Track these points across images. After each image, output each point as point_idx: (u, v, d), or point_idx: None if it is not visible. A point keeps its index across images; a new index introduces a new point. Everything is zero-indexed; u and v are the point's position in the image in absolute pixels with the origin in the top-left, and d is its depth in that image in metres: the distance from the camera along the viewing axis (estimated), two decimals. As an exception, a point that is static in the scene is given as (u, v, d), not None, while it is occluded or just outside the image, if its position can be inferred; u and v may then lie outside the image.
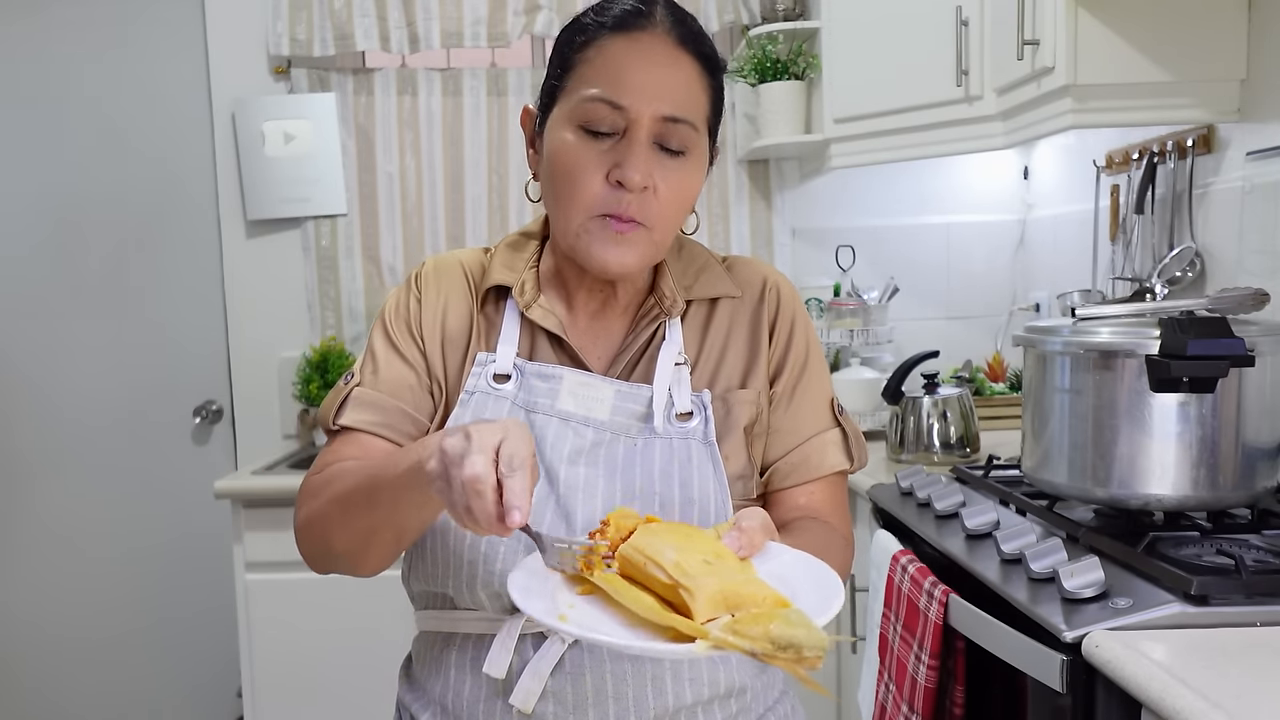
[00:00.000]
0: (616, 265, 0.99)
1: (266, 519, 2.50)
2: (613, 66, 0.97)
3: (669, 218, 1.00)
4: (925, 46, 2.34)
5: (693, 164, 1.00)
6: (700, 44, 1.01)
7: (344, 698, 2.51)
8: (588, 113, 0.97)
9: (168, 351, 3.07)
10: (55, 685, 3.10)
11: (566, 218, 1.00)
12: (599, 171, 0.97)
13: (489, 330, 1.08)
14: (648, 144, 0.97)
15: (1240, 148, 1.90)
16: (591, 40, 0.99)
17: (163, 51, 3.02)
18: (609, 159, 0.97)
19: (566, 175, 0.98)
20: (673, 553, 0.82)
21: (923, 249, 3.06)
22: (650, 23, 0.98)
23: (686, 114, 0.98)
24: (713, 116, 1.03)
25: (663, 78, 0.97)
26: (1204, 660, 1.08)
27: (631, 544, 0.85)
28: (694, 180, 1.01)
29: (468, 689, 1.02)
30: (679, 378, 1.05)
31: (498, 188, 3.00)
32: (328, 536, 0.99)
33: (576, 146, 0.98)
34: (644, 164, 0.96)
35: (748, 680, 1.06)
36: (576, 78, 0.99)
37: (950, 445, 2.32)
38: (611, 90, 0.96)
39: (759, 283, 1.12)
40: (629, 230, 0.98)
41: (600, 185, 0.97)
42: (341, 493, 0.96)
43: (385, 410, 1.04)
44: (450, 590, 1.01)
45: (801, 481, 1.09)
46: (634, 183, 0.95)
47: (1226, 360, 1.31)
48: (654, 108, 0.96)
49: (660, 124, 0.97)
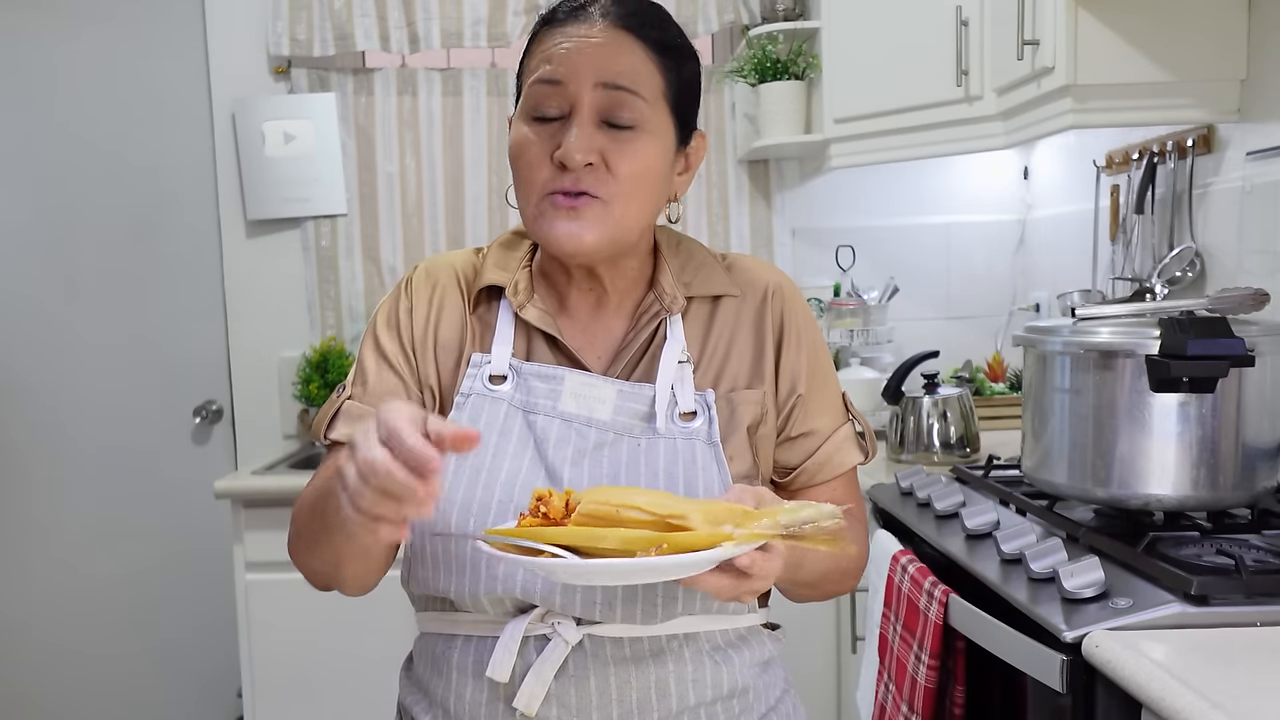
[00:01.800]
0: (571, 242, 0.98)
1: (266, 519, 2.50)
2: (550, 50, 0.99)
3: (627, 193, 0.99)
4: (925, 46, 2.34)
5: (646, 138, 0.99)
6: (645, 25, 1.00)
7: (344, 698, 2.51)
8: (533, 99, 0.99)
9: (168, 351, 3.07)
10: (55, 685, 3.10)
11: (524, 204, 1.01)
12: (545, 154, 0.98)
13: (483, 332, 1.07)
14: (591, 121, 0.97)
15: (1240, 148, 1.90)
16: (535, 34, 1.03)
17: (163, 52, 3.02)
18: (554, 142, 0.98)
19: (517, 162, 1.01)
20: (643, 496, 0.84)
21: (923, 249, 3.06)
22: (586, 13, 1.00)
23: (628, 82, 0.97)
24: (675, 96, 1.02)
25: (597, 50, 0.98)
26: (1204, 660, 1.08)
27: (592, 499, 0.84)
28: (649, 154, 0.99)
29: (469, 692, 1.01)
30: (682, 376, 1.04)
31: (497, 188, 3.00)
32: (303, 562, 1.04)
33: (527, 135, 1.00)
34: (583, 141, 0.96)
35: (750, 681, 1.05)
36: (526, 72, 1.02)
37: (950, 445, 2.32)
38: (548, 70, 0.98)
39: (761, 284, 1.11)
40: (579, 204, 0.97)
41: (547, 167, 0.98)
42: (302, 522, 1.01)
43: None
44: (451, 594, 1.01)
45: (825, 480, 1.10)
46: (573, 161, 0.96)
47: (1226, 360, 1.31)
48: (590, 77, 0.97)
49: (601, 95, 0.97)
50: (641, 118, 0.98)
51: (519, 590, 0.97)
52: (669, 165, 1.03)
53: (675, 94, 1.02)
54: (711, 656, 1.02)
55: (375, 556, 0.99)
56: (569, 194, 0.97)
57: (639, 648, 0.99)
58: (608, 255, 1.02)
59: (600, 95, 0.97)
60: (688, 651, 1.01)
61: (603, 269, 1.05)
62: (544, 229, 0.99)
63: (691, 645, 1.01)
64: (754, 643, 1.07)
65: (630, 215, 1.00)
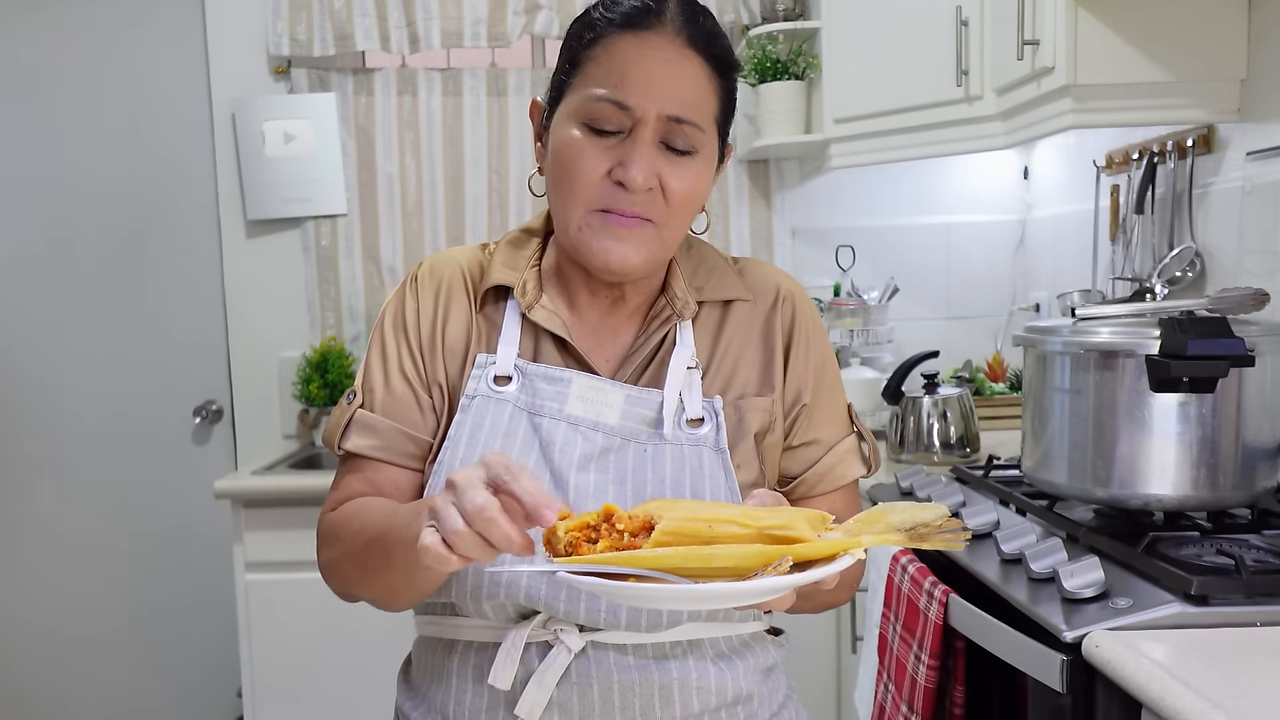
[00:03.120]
0: (618, 262, 0.97)
1: (266, 519, 2.50)
2: (619, 65, 0.95)
3: (679, 217, 0.99)
4: (925, 46, 2.34)
5: (701, 163, 0.99)
6: (712, 44, 0.98)
7: (344, 698, 2.51)
8: (593, 111, 0.96)
9: (168, 351, 3.07)
10: (55, 685, 3.10)
11: (567, 213, 0.99)
12: (601, 167, 0.96)
13: (489, 331, 1.06)
14: (653, 143, 0.96)
15: (1240, 148, 1.90)
16: (599, 37, 0.98)
17: (163, 52, 3.02)
18: (612, 156, 0.96)
19: (568, 170, 0.97)
20: (728, 509, 0.79)
21: (923, 249, 3.06)
22: (659, 21, 0.96)
23: (693, 115, 0.96)
24: (723, 116, 1.02)
25: (669, 77, 0.95)
26: (1204, 660, 1.08)
27: (674, 518, 0.76)
28: (702, 179, 1.00)
29: (469, 698, 1.00)
30: (690, 382, 1.03)
31: (498, 188, 3.00)
32: (350, 587, 1.02)
33: (580, 142, 0.96)
34: (647, 164, 0.95)
35: (754, 687, 1.05)
36: (583, 75, 0.98)
37: (950, 445, 2.32)
38: (617, 90, 0.95)
39: (772, 290, 1.09)
40: (633, 226, 0.96)
41: (601, 181, 0.96)
42: (356, 552, 0.97)
43: (384, 434, 1.03)
44: (453, 598, 1.00)
45: (825, 492, 1.09)
46: (636, 184, 0.94)
47: (1226, 360, 1.31)
48: (659, 107, 0.95)
49: (666, 124, 0.96)
50: (697, 143, 0.98)
51: (523, 596, 0.96)
52: (712, 185, 1.03)
53: (723, 114, 1.02)
54: (715, 663, 1.02)
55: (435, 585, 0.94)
56: (625, 215, 0.96)
57: (642, 654, 0.99)
58: (646, 275, 1.03)
59: (664, 124, 0.96)
60: (691, 658, 1.00)
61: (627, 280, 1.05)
62: (590, 243, 0.98)
63: (695, 652, 1.01)
64: (757, 649, 1.07)
65: (676, 237, 1.01)
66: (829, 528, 0.80)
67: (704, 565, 0.73)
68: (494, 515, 0.74)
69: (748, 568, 0.73)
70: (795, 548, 0.75)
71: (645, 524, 0.75)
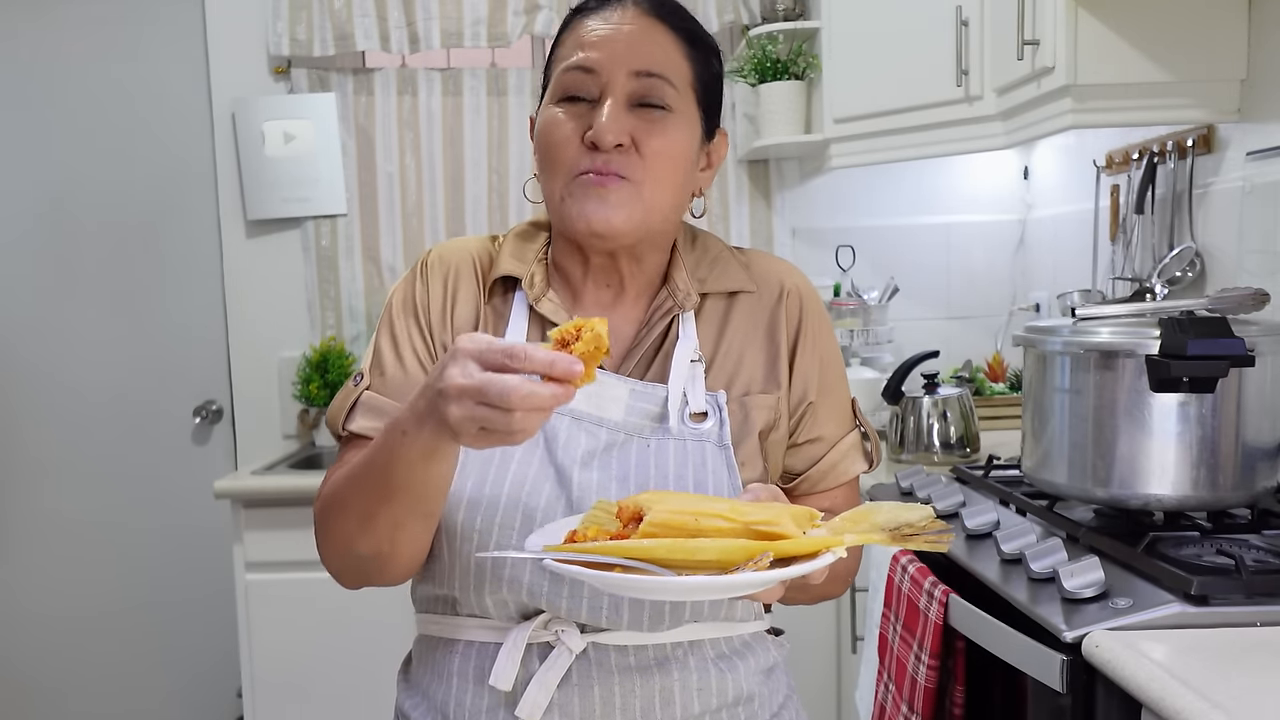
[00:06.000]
0: (600, 223, 0.97)
1: (266, 519, 2.50)
2: (585, 38, 1.00)
3: (658, 176, 0.99)
4: (925, 46, 2.34)
5: (676, 120, 0.99)
6: (677, 18, 1.02)
7: (344, 698, 2.51)
8: (565, 83, 0.99)
9: (168, 351, 3.07)
10: (55, 685, 3.10)
11: (551, 188, 1.00)
12: (575, 135, 0.98)
13: (497, 322, 1.06)
14: (622, 104, 0.98)
15: (1240, 148, 1.90)
16: (567, 25, 1.03)
17: (163, 51, 3.02)
18: (585, 122, 0.98)
19: (547, 143, 1.00)
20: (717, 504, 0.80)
21: (923, 249, 3.06)
22: (618, 1, 1.01)
23: (660, 69, 0.98)
24: (700, 87, 1.03)
25: (633, 39, 0.99)
26: (1204, 660, 1.08)
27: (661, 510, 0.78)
28: (677, 136, 1.00)
29: (470, 698, 1.00)
30: (694, 376, 1.02)
31: (498, 188, 3.00)
32: (353, 545, 0.95)
33: (556, 115, 0.99)
34: (615, 122, 0.96)
35: (754, 688, 1.05)
36: (556, 59, 1.02)
37: (950, 445, 2.32)
38: (581, 58, 0.98)
39: (777, 283, 1.09)
40: (610, 183, 0.97)
41: (578, 147, 0.98)
42: (352, 496, 0.93)
43: (391, 415, 1.01)
44: (456, 593, 0.99)
45: (827, 489, 1.09)
46: (605, 141, 0.96)
47: (1226, 360, 1.31)
48: (626, 64, 0.97)
49: (633, 80, 0.98)
50: (671, 101, 0.99)
51: (525, 593, 0.96)
52: (695, 153, 1.03)
53: (702, 86, 1.03)
54: (715, 664, 1.02)
55: (440, 498, 0.91)
56: (599, 174, 0.97)
57: (643, 655, 0.98)
58: (633, 240, 1.01)
59: (632, 82, 0.98)
60: (692, 659, 1.00)
61: (623, 261, 1.04)
62: (572, 209, 0.98)
63: (696, 653, 1.01)
64: (758, 649, 1.07)
65: (658, 198, 1.00)
66: (815, 524, 0.80)
67: (688, 557, 0.75)
68: (531, 386, 0.73)
69: (730, 561, 0.75)
70: (778, 544, 0.76)
71: (635, 514, 0.78)
